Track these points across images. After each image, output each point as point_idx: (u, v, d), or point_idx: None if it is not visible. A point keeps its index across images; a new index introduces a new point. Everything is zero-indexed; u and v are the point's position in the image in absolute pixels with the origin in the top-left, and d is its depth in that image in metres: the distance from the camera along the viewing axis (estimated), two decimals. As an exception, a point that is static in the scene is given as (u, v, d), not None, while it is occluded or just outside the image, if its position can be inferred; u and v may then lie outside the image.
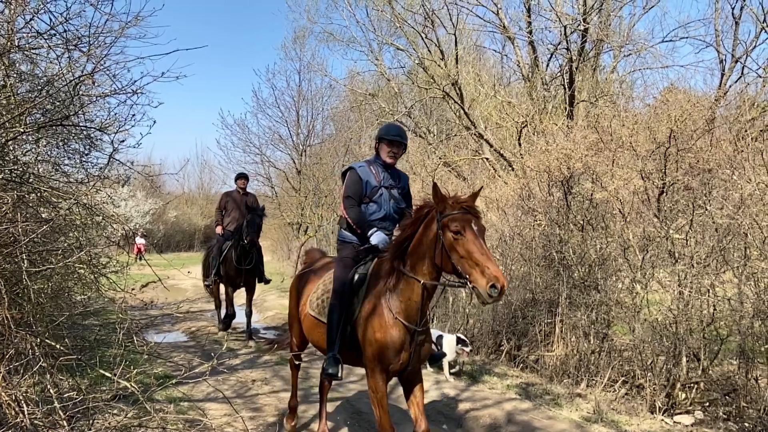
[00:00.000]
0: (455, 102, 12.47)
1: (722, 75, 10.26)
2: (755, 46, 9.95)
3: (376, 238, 4.00)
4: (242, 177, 9.78)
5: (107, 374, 3.46)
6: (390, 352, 3.65)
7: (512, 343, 7.48)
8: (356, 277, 3.96)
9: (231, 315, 8.90)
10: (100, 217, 4.66)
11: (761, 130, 7.75)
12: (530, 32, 11.84)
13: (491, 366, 7.18)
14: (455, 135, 14.01)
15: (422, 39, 12.97)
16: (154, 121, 4.43)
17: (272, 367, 7.01)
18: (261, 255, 9.25)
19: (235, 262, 8.71)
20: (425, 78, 13.20)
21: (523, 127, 11.29)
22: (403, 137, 4.24)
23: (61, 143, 5.20)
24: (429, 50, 12.98)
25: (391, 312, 3.65)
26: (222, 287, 9.54)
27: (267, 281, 9.52)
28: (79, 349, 4.45)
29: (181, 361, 6.82)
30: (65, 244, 4.70)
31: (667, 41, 11.99)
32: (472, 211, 3.44)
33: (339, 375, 3.90)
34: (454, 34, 12.23)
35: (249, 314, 8.97)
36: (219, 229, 9.51)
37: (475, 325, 8.10)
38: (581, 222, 6.88)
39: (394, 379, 3.93)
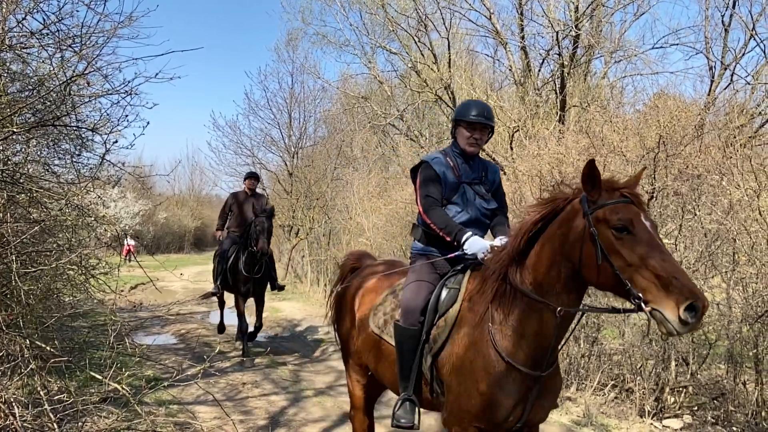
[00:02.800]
0: (448, 106, 12.50)
1: (711, 82, 10.36)
2: (744, 54, 10.06)
3: (475, 245, 3.02)
4: (251, 177, 8.80)
5: (98, 376, 3.43)
6: (499, 412, 2.67)
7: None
8: (443, 294, 3.07)
9: (243, 330, 7.73)
10: (92, 218, 4.62)
11: (750, 137, 7.84)
12: (522, 37, 11.90)
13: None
14: (447, 138, 14.02)
15: (415, 43, 13.01)
16: (148, 122, 4.41)
17: (263, 370, 6.99)
18: (272, 260, 8.28)
19: (243, 270, 7.69)
20: (418, 82, 13.24)
21: (515, 132, 11.34)
22: (488, 117, 3.28)
23: (51, 143, 5.17)
24: (422, 54, 13.02)
25: (501, 352, 2.67)
26: (227, 295, 8.65)
27: (281, 288, 8.49)
28: (68, 351, 4.41)
29: (171, 363, 6.78)
30: (55, 245, 4.67)
31: (657, 48, 12.08)
32: (636, 200, 2.45)
33: (415, 424, 3.04)
34: (447, 38, 12.27)
35: (258, 328, 8.01)
36: (219, 234, 8.69)
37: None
38: (572, 226, 6.90)
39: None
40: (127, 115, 4.34)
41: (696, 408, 5.51)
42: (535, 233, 2.67)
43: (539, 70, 12.35)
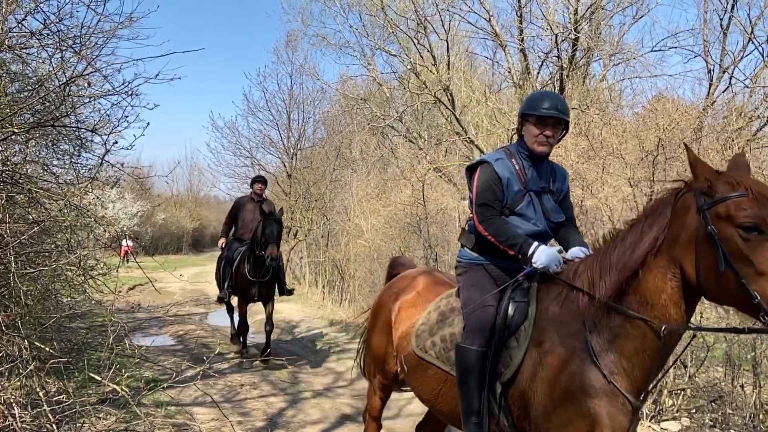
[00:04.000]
0: (446, 108, 12.52)
1: (710, 85, 10.38)
2: (743, 57, 10.08)
3: (545, 256, 2.60)
4: (260, 181, 8.39)
5: (96, 377, 3.43)
6: None
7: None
8: (510, 309, 2.65)
9: (245, 331, 7.77)
10: (91, 219, 4.62)
11: (748, 140, 7.86)
12: (522, 40, 11.92)
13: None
14: (446, 140, 14.06)
15: (414, 45, 13.03)
16: (148, 123, 4.42)
17: (261, 372, 6.98)
18: (281, 263, 7.92)
19: (248, 274, 7.39)
20: (417, 83, 13.25)
21: (514, 134, 11.35)
22: (562, 110, 2.80)
23: (50, 144, 5.17)
24: (421, 56, 13.04)
25: (605, 376, 2.25)
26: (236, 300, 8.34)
27: (289, 292, 8.04)
28: (66, 351, 4.41)
29: (169, 364, 6.77)
30: (53, 246, 4.66)
31: (656, 51, 12.09)
32: (762, 196, 1.98)
33: None
34: (446, 40, 12.29)
35: (269, 332, 7.63)
36: (222, 242, 8.38)
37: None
38: (571, 229, 6.92)
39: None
40: (127, 116, 4.35)
41: (694, 411, 5.51)
42: (638, 237, 2.27)
43: (538, 73, 12.38)
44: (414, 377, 3.07)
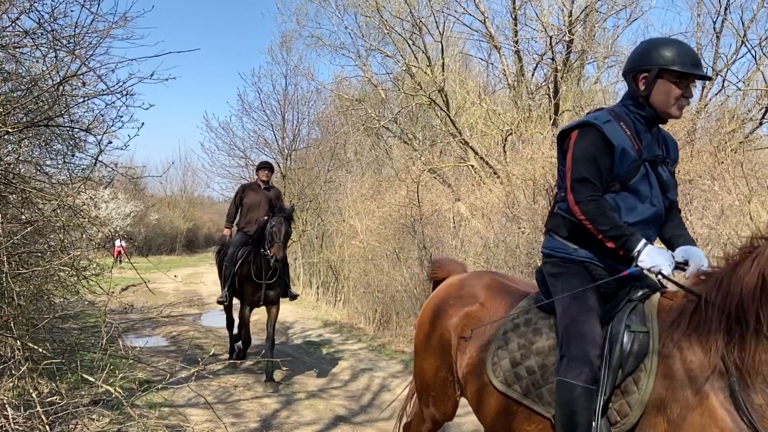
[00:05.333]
0: (441, 109, 12.55)
1: (703, 87, 10.44)
2: (735, 60, 10.17)
3: (654, 257, 2.11)
4: (265, 167, 7.62)
5: (90, 378, 3.41)
6: None
7: (495, 350, 7.50)
8: (624, 336, 2.11)
9: (247, 342, 7.01)
10: (85, 219, 4.60)
11: (740, 142, 7.93)
12: (516, 42, 11.96)
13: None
14: (440, 142, 14.09)
15: (409, 46, 13.05)
16: (143, 123, 4.40)
17: (254, 373, 6.96)
18: (287, 265, 7.19)
19: (254, 276, 6.68)
20: (412, 85, 13.27)
21: (509, 135, 11.39)
22: (702, 68, 2.32)
23: (43, 144, 5.14)
24: (416, 57, 13.06)
25: (749, 421, 1.79)
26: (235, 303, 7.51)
27: (294, 296, 7.24)
28: (59, 352, 4.38)
29: (163, 365, 6.75)
30: (46, 246, 4.64)
31: (649, 53, 12.18)
32: None
33: None
34: (441, 42, 12.33)
35: (270, 350, 6.71)
36: (227, 231, 7.56)
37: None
38: (565, 230, 6.95)
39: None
40: (121, 116, 4.33)
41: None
42: None
43: (533, 75, 12.44)
44: (490, 415, 2.48)
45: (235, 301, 7.37)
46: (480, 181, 11.33)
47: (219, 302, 7.36)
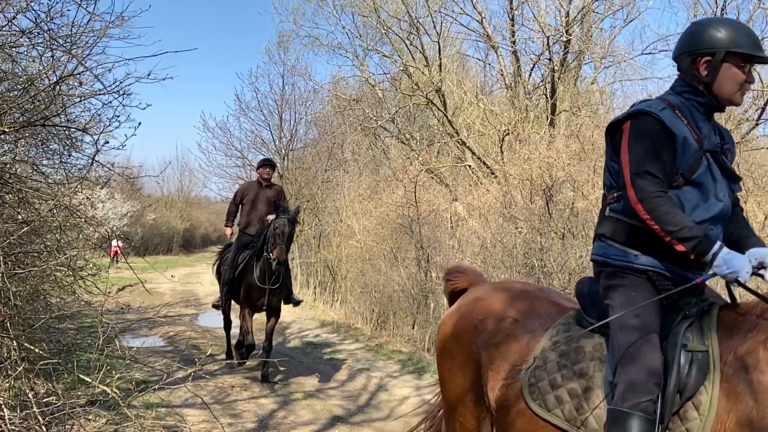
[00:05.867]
0: (438, 109, 12.56)
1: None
2: (731, 61, 10.21)
3: (732, 261, 1.85)
4: (267, 164, 7.23)
5: (86, 379, 3.40)
6: None
7: (493, 350, 7.51)
8: (684, 361, 1.90)
9: (250, 345, 6.57)
10: (82, 219, 4.59)
11: (737, 143, 7.93)
12: (513, 42, 11.98)
13: (472, 372, 7.20)
14: (438, 142, 14.10)
15: (407, 46, 13.07)
16: (140, 123, 4.38)
17: (252, 373, 6.95)
18: (289, 269, 6.89)
19: (257, 281, 6.42)
20: (409, 85, 13.28)
21: (506, 135, 11.41)
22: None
23: (40, 143, 5.13)
24: (413, 57, 13.07)
25: None
26: (233, 308, 7.28)
27: (297, 302, 7.04)
28: (55, 353, 4.37)
29: (159, 366, 6.73)
30: (42, 246, 4.62)
31: (646, 54, 12.23)
32: None
33: None
34: (438, 42, 12.34)
35: (269, 350, 6.61)
36: (228, 231, 7.40)
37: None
38: (562, 230, 6.97)
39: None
40: (118, 116, 4.32)
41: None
42: None
43: (530, 75, 12.46)
44: None
45: (234, 305, 7.23)
46: (477, 181, 11.35)
47: (215, 306, 7.15)
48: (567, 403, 2.06)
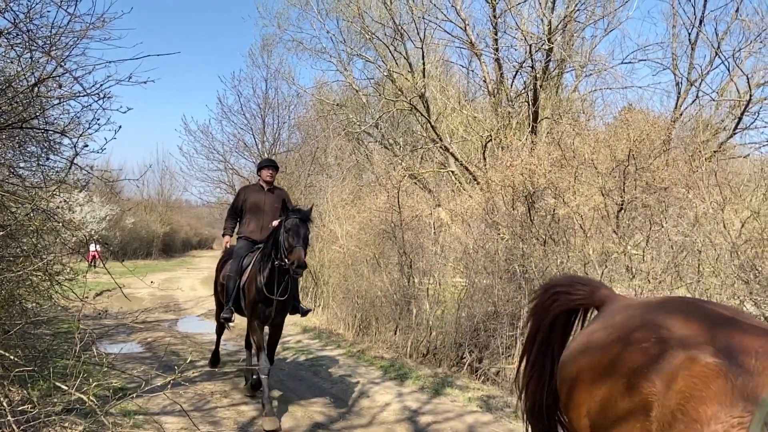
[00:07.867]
0: (422, 115, 12.61)
1: (678, 97, 10.67)
2: (709, 71, 10.42)
3: None
4: (269, 166, 6.50)
5: (62, 386, 3.33)
6: None
7: (474, 356, 7.54)
8: None
9: (265, 371, 5.51)
10: (59, 223, 4.51)
11: (714, 151, 8.10)
12: (496, 49, 12.08)
13: (453, 378, 7.21)
14: (421, 147, 14.15)
15: (390, 52, 13.11)
16: (120, 126, 4.32)
17: (231, 380, 6.88)
18: (296, 279, 5.85)
19: (265, 290, 5.58)
20: (393, 90, 13.32)
21: (488, 142, 11.49)
22: None
23: (17, 146, 5.03)
24: (397, 63, 13.12)
25: None
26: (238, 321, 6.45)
27: (305, 312, 6.14)
28: (31, 359, 4.28)
29: (138, 373, 6.63)
30: (19, 250, 4.53)
31: (626, 63, 12.42)
32: None
33: None
34: (422, 48, 12.39)
35: (269, 363, 5.72)
36: (226, 241, 6.63)
37: (438, 338, 8.14)
38: (543, 236, 7.02)
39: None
40: (97, 119, 4.26)
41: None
42: None
43: (512, 82, 12.57)
44: None
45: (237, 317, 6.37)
46: (460, 187, 11.40)
47: (224, 319, 6.16)
48: None
